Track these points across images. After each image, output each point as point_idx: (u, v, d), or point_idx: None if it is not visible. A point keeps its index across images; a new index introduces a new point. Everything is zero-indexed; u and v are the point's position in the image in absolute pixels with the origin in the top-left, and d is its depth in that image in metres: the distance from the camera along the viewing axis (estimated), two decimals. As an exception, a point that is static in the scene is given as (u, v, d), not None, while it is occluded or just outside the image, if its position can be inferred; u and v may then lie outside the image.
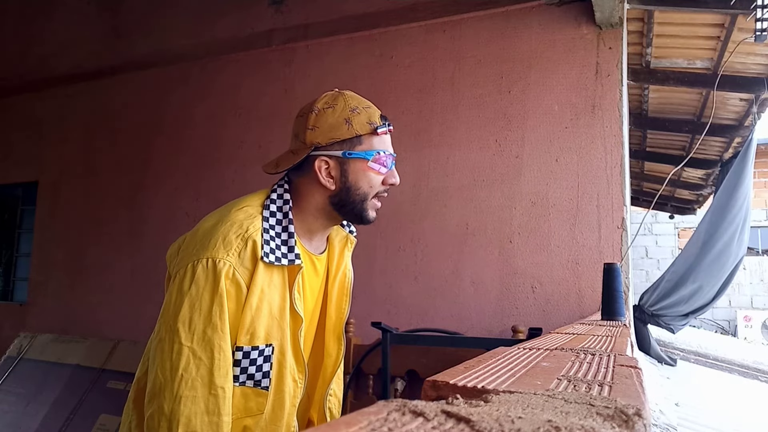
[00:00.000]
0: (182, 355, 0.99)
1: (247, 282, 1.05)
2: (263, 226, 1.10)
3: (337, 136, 1.12)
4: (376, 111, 1.17)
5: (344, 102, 1.14)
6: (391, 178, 1.19)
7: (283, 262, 1.09)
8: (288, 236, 1.12)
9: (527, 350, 0.75)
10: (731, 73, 3.48)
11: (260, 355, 1.08)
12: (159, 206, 3.70)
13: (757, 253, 9.79)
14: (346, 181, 1.15)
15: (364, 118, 1.14)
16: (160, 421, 0.97)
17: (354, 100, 1.16)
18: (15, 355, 3.67)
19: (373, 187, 1.17)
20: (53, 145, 4.26)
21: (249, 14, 3.59)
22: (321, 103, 1.15)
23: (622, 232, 2.48)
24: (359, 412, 0.29)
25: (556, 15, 2.75)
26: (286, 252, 1.11)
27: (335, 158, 1.14)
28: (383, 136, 1.16)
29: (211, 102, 3.64)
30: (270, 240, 1.09)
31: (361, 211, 1.18)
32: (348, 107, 1.13)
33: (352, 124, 1.12)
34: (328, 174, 1.15)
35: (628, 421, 0.31)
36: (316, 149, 1.13)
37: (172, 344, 1.00)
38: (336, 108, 1.13)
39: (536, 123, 2.71)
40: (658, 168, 5.68)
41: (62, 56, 4.36)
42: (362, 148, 1.14)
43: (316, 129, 1.13)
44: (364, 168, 1.14)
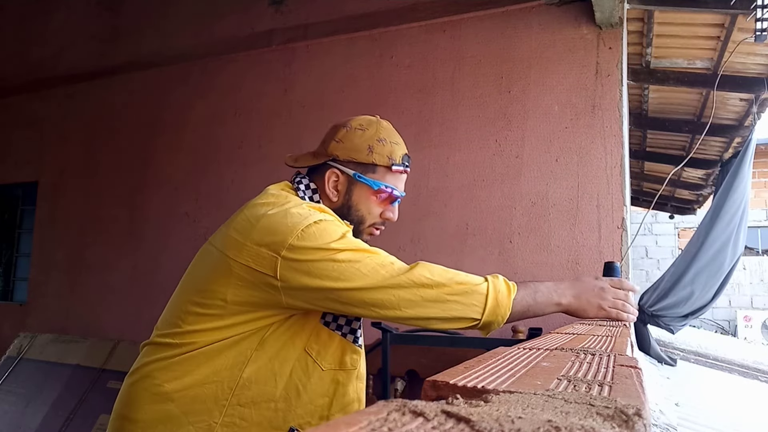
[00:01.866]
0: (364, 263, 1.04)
1: None
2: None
3: (355, 157, 1.19)
4: (401, 149, 1.22)
5: (376, 130, 1.21)
6: (389, 213, 1.25)
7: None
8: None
9: (527, 350, 0.75)
10: (731, 73, 3.48)
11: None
12: (159, 206, 3.70)
13: (757, 253, 9.79)
14: (348, 200, 1.21)
15: (386, 151, 1.19)
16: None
17: (385, 131, 1.22)
18: (15, 355, 3.67)
19: (371, 215, 1.22)
20: (53, 145, 4.26)
21: (249, 14, 3.59)
22: (356, 123, 1.22)
23: (622, 232, 2.48)
24: (359, 412, 0.29)
25: (556, 15, 2.75)
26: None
27: (346, 175, 1.20)
28: (397, 174, 1.21)
29: (211, 102, 3.64)
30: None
31: (357, 233, 1.22)
32: (377, 136, 1.20)
33: (372, 152, 1.18)
34: (335, 186, 1.20)
35: (628, 421, 0.31)
36: (333, 160, 1.20)
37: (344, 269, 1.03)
38: (366, 132, 1.20)
39: (536, 123, 2.71)
40: (658, 168, 5.68)
41: (62, 56, 4.36)
42: (373, 177, 1.19)
43: (340, 143, 1.20)
44: (368, 195, 1.20)
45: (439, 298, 1.02)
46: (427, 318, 1.03)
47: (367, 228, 1.25)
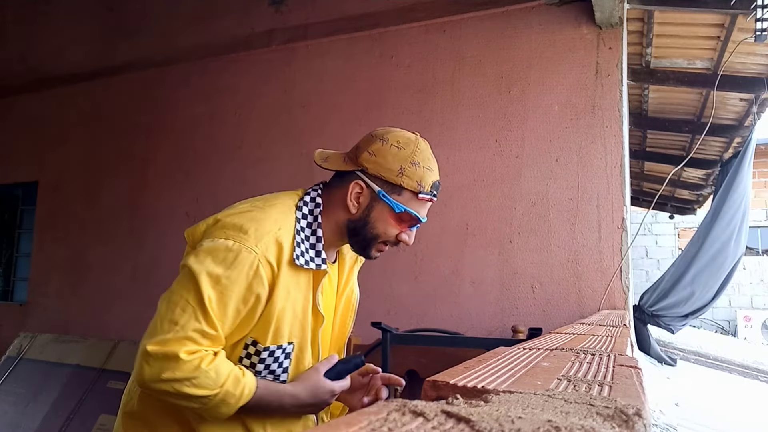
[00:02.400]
0: (179, 305, 1.04)
1: (270, 281, 1.08)
2: (296, 227, 1.14)
3: (384, 175, 1.14)
4: (433, 176, 1.17)
5: (412, 151, 1.15)
6: (405, 236, 1.20)
7: (311, 266, 1.12)
8: (316, 240, 1.16)
9: (527, 350, 0.75)
10: (731, 73, 3.48)
11: (282, 352, 1.14)
12: (159, 206, 3.70)
13: (757, 253, 9.79)
14: (367, 215, 1.17)
15: (417, 176, 1.14)
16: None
17: (421, 155, 1.16)
18: (15, 355, 3.67)
19: (386, 234, 1.18)
20: (53, 145, 4.26)
21: (249, 14, 3.59)
22: (394, 139, 1.16)
23: (622, 232, 2.48)
24: (359, 412, 0.29)
25: (556, 15, 2.75)
26: (314, 256, 1.14)
27: (371, 190, 1.16)
28: (423, 201, 1.17)
29: (211, 102, 3.64)
30: (301, 242, 1.13)
31: (367, 247, 1.21)
32: (411, 158, 1.14)
33: (403, 174, 1.13)
34: (357, 198, 1.17)
35: (628, 421, 0.31)
36: (362, 171, 1.16)
37: (171, 294, 1.07)
38: (402, 151, 1.14)
39: (536, 123, 2.71)
40: (658, 168, 5.68)
41: (62, 56, 4.36)
42: (397, 199, 1.15)
43: (372, 156, 1.15)
44: (388, 215, 1.16)
45: (171, 390, 1.03)
46: (156, 391, 1.05)
47: (378, 245, 1.21)
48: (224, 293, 1.04)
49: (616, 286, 2.45)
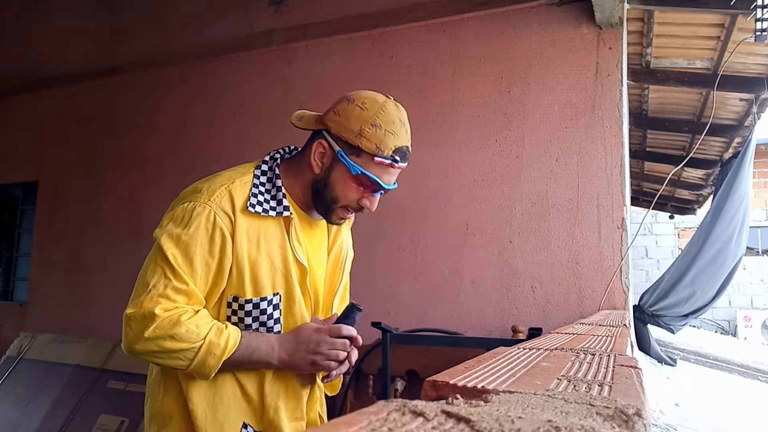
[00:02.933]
0: (149, 269, 1.10)
1: (231, 230, 1.11)
2: (253, 182, 1.16)
3: (344, 135, 1.13)
4: (395, 141, 1.12)
5: (375, 113, 1.11)
6: (366, 201, 1.18)
7: (271, 213, 1.14)
8: (276, 190, 1.17)
9: (527, 350, 0.75)
10: (731, 73, 3.48)
11: (269, 304, 1.15)
12: (159, 206, 3.68)
13: (757, 253, 9.79)
14: (328, 175, 1.17)
15: (377, 139, 1.11)
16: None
17: (386, 117, 1.12)
18: (15, 355, 3.67)
19: (346, 198, 1.17)
20: (53, 145, 4.26)
21: (249, 14, 3.59)
22: (360, 99, 1.14)
23: (622, 232, 2.48)
24: (359, 412, 0.29)
25: (556, 15, 2.75)
26: (275, 205, 1.16)
27: (332, 150, 1.15)
28: (382, 165, 1.13)
29: (210, 102, 3.64)
30: (259, 194, 1.15)
31: (329, 210, 1.20)
32: (372, 120, 1.11)
33: (362, 135, 1.11)
34: (320, 158, 1.17)
35: (628, 421, 0.31)
36: (326, 131, 1.16)
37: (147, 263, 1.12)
38: (364, 112, 1.11)
39: (536, 123, 2.71)
40: (658, 168, 5.68)
41: (62, 56, 4.36)
42: (355, 161, 1.12)
43: (337, 116, 1.14)
44: (346, 177, 1.15)
45: (155, 347, 1.05)
46: (141, 353, 1.07)
47: (339, 209, 1.19)
48: (188, 249, 1.08)
49: (616, 286, 2.45)
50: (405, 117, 1.17)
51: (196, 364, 1.06)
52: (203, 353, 1.05)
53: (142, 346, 1.05)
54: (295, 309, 1.18)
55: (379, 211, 1.24)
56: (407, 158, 1.17)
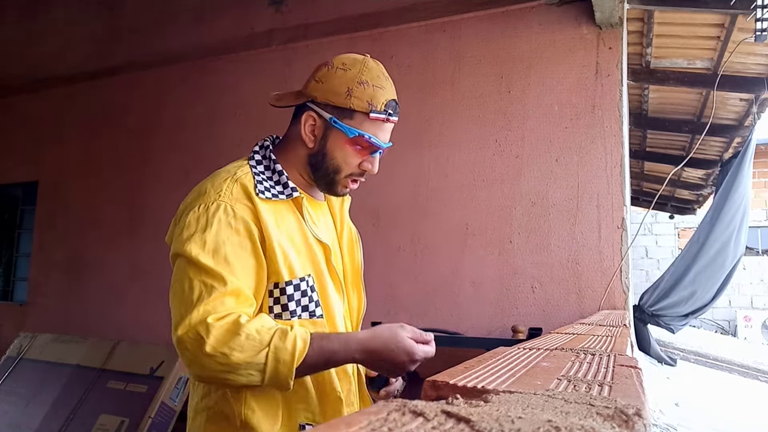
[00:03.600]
0: (185, 289, 0.99)
1: (253, 215, 1.04)
2: (253, 171, 1.11)
3: (333, 100, 1.09)
4: (385, 94, 1.10)
5: (359, 70, 1.09)
6: (367, 164, 1.14)
7: (281, 197, 1.09)
8: (278, 175, 1.12)
9: (527, 350, 0.75)
10: (731, 73, 3.48)
11: (307, 285, 1.09)
12: (159, 206, 3.70)
13: (757, 253, 9.79)
14: (324, 146, 1.12)
15: (367, 95, 1.08)
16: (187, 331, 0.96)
17: (370, 73, 1.10)
18: (15, 355, 3.67)
19: (347, 165, 1.13)
20: (53, 145, 4.26)
21: (249, 14, 3.59)
22: (339, 61, 1.11)
23: (622, 232, 2.48)
24: (359, 412, 0.29)
25: (556, 15, 2.75)
26: (282, 189, 1.11)
27: (323, 119, 1.11)
28: (377, 122, 1.10)
29: (210, 102, 3.64)
30: (262, 181, 1.10)
31: (332, 182, 1.15)
32: (358, 78, 1.08)
33: (351, 96, 1.07)
34: (311, 131, 1.12)
35: (628, 421, 0.31)
36: (312, 102, 1.11)
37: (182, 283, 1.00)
38: (348, 72, 1.09)
39: (536, 123, 2.71)
40: (658, 168, 5.68)
41: (62, 56, 4.36)
42: (349, 123, 1.09)
43: (320, 83, 1.11)
44: (343, 142, 1.11)
45: (219, 366, 0.94)
46: (209, 377, 0.97)
47: (344, 179, 1.14)
48: (218, 250, 1.00)
49: (616, 286, 2.45)
50: (386, 72, 1.14)
51: (270, 377, 0.94)
52: (272, 362, 0.94)
53: (206, 368, 0.94)
54: (328, 290, 1.13)
55: (379, 211, 1.24)
56: (398, 112, 1.15)
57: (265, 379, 0.94)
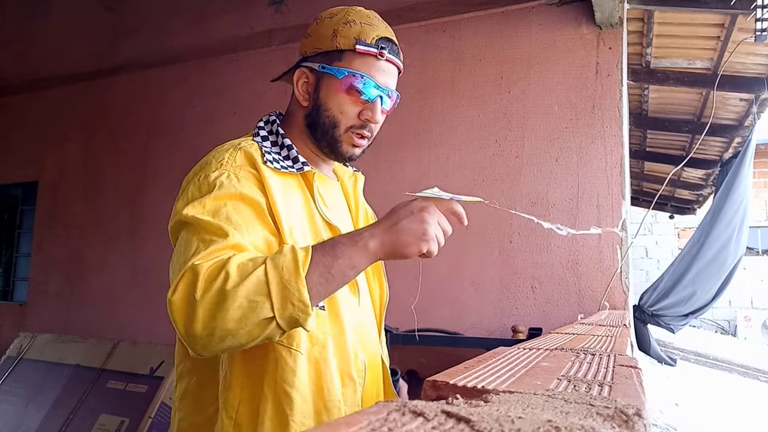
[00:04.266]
0: (181, 249, 0.87)
1: (258, 181, 0.92)
2: (258, 144, 1.00)
3: (320, 47, 1.01)
4: (375, 31, 1.01)
5: (346, 13, 1.02)
6: (367, 113, 1.00)
7: (291, 170, 0.98)
8: (287, 149, 1.02)
9: (527, 350, 0.75)
10: (731, 73, 3.48)
11: None
12: (159, 206, 3.70)
13: (757, 253, 9.79)
14: (317, 99, 1.02)
15: (354, 32, 0.99)
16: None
17: (357, 14, 1.02)
18: (15, 355, 3.67)
19: (344, 114, 1.00)
20: (53, 145, 4.26)
21: (249, 14, 3.59)
22: (327, 13, 1.05)
23: (622, 232, 2.48)
24: (359, 412, 0.29)
25: (556, 15, 2.75)
26: (292, 163, 1.00)
27: (313, 71, 1.02)
28: (369, 58, 0.99)
29: (210, 102, 3.64)
30: (269, 153, 0.99)
31: (334, 139, 1.02)
32: (344, 19, 1.01)
33: (337, 36, 0.99)
34: (305, 89, 1.03)
35: (628, 421, 0.31)
36: (303, 60, 1.04)
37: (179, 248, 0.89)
38: (334, 18, 1.02)
39: (536, 123, 2.71)
40: (658, 168, 5.68)
41: (62, 56, 4.36)
42: (339, 65, 0.99)
43: (309, 37, 1.05)
44: (335, 88, 0.99)
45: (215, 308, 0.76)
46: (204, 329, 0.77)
47: (345, 134, 1.02)
48: (218, 212, 0.86)
49: (616, 286, 2.45)
50: (380, 17, 1.06)
51: (279, 297, 0.75)
52: (274, 277, 0.75)
53: (201, 319, 0.75)
54: None
55: (379, 212, 1.22)
56: (397, 53, 1.03)
57: (274, 303, 0.75)
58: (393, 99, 1.05)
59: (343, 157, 1.06)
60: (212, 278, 0.77)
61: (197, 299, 0.76)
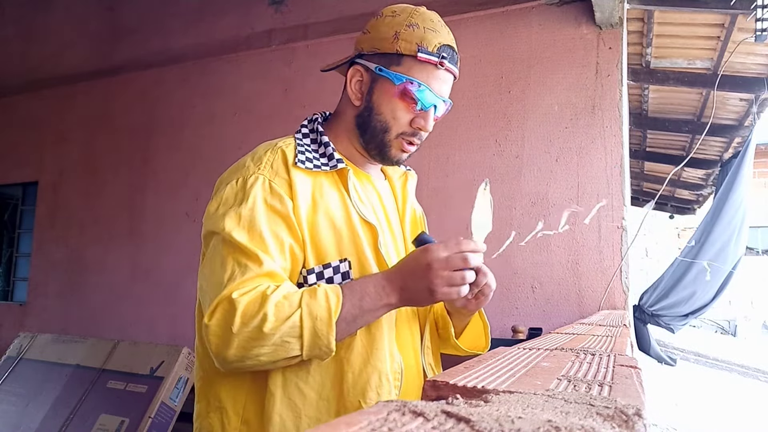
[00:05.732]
0: (217, 267, 0.89)
1: (289, 194, 0.94)
2: (296, 143, 1.01)
3: (379, 47, 0.98)
4: (438, 37, 0.98)
5: (409, 14, 0.98)
6: (420, 121, 1.00)
7: (324, 168, 0.98)
8: (324, 147, 1.02)
9: (527, 350, 0.75)
10: (731, 73, 3.48)
11: (336, 272, 0.95)
12: (159, 206, 3.70)
13: (757, 253, 9.79)
14: (370, 100, 1.00)
15: (416, 37, 0.96)
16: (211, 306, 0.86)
17: (422, 17, 0.99)
18: (15, 355, 3.66)
19: (396, 120, 1.00)
20: (53, 145, 4.26)
21: (249, 14, 3.59)
22: (389, 10, 1.01)
23: (622, 232, 2.48)
24: (359, 412, 0.29)
25: (556, 15, 2.75)
26: (326, 161, 1.00)
27: (369, 71, 1.00)
28: (428, 66, 0.97)
29: (211, 102, 3.64)
30: (305, 151, 0.99)
31: (383, 144, 1.02)
32: (408, 21, 0.97)
33: (398, 39, 0.96)
34: (358, 87, 1.02)
35: (628, 421, 0.31)
36: (359, 56, 1.02)
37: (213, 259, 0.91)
38: (397, 18, 0.98)
39: (536, 123, 2.71)
40: (658, 168, 5.68)
41: (62, 56, 4.36)
42: (397, 70, 0.97)
43: (367, 34, 1.02)
44: (391, 93, 0.98)
45: (251, 343, 0.83)
46: (239, 357, 0.85)
47: (395, 140, 1.01)
48: (253, 225, 0.89)
49: (616, 286, 2.45)
50: (444, 22, 1.03)
51: (309, 342, 0.83)
52: (308, 324, 0.83)
53: (235, 348, 0.82)
54: None
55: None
56: (456, 62, 1.03)
57: (304, 346, 0.83)
58: (446, 107, 1.06)
59: (390, 161, 1.07)
60: (250, 315, 0.83)
61: (234, 332, 0.82)
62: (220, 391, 0.96)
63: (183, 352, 2.96)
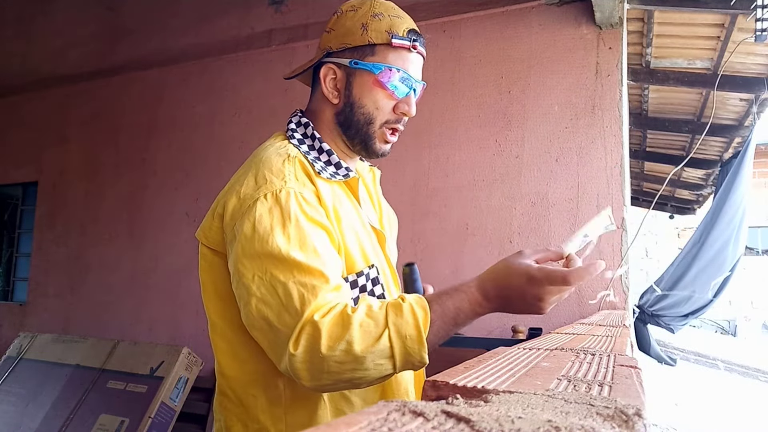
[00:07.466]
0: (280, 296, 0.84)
1: (319, 204, 0.93)
2: (300, 149, 0.98)
3: (349, 42, 0.98)
4: (404, 23, 0.99)
5: (370, 6, 0.99)
6: (403, 106, 1.01)
7: (339, 177, 0.98)
8: (328, 155, 1.01)
9: (527, 350, 0.75)
10: (731, 73, 3.48)
11: (367, 279, 0.95)
12: (159, 206, 3.70)
13: (757, 253, 9.79)
14: (350, 96, 1.00)
15: (384, 25, 0.97)
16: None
17: (383, 6, 1.00)
18: (15, 355, 3.67)
19: (379, 110, 1.00)
20: (53, 145, 4.26)
21: (249, 14, 3.59)
22: (347, 6, 1.02)
23: (622, 232, 2.48)
24: (359, 412, 0.29)
25: (556, 15, 2.75)
26: (336, 170, 0.99)
27: (343, 67, 1.00)
28: (402, 51, 0.98)
29: (211, 102, 3.64)
30: (315, 160, 0.98)
31: (368, 136, 1.01)
32: (371, 12, 0.98)
33: (367, 30, 0.97)
34: (333, 85, 1.01)
35: (628, 421, 0.31)
36: (327, 55, 1.01)
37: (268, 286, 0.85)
38: (359, 11, 0.99)
39: (536, 123, 2.71)
40: (658, 168, 5.68)
41: (62, 56, 4.36)
42: (372, 60, 0.97)
43: (332, 32, 1.01)
44: (371, 84, 0.98)
45: (343, 367, 0.81)
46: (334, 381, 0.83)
47: (379, 130, 1.01)
48: (305, 244, 0.85)
49: (616, 286, 2.45)
50: (398, 7, 1.04)
51: (402, 360, 0.81)
52: (398, 344, 0.80)
53: (327, 373, 0.80)
54: (390, 285, 1.01)
55: (379, 211, 1.21)
56: (423, 44, 1.03)
57: (396, 364, 0.81)
58: (422, 88, 1.06)
59: (375, 153, 1.05)
60: (336, 338, 0.80)
61: (322, 356, 0.79)
62: (258, 414, 0.94)
63: (183, 352, 2.96)
